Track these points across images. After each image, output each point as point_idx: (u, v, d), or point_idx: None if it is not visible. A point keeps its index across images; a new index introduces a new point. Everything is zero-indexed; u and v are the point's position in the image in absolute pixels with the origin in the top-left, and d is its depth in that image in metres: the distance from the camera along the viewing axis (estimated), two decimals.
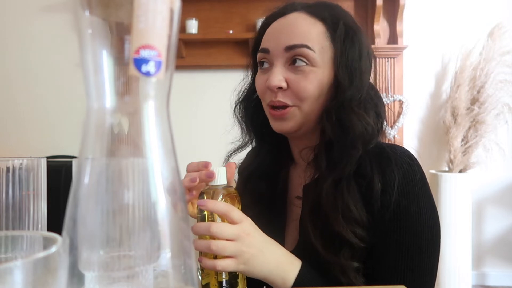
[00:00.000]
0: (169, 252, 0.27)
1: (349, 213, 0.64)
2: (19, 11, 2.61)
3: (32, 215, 0.50)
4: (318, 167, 0.70)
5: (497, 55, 2.38)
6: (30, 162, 0.50)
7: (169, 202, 0.27)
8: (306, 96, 0.68)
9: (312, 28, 0.68)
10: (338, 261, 0.63)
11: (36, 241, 0.28)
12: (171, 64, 0.26)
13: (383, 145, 0.71)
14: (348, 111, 0.67)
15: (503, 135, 2.48)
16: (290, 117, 0.69)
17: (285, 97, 0.68)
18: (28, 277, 0.22)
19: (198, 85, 2.56)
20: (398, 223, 0.64)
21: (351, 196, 0.65)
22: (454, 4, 2.57)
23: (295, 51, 0.67)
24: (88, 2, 0.25)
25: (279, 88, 0.68)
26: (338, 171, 0.66)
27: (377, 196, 0.64)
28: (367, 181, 0.66)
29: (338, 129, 0.67)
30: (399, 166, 0.66)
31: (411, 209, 0.64)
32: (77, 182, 0.26)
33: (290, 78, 0.68)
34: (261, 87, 0.72)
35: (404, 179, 0.65)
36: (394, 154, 0.68)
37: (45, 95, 2.61)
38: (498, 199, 2.59)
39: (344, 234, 0.63)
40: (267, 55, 0.71)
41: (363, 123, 0.67)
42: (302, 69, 0.68)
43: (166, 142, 0.27)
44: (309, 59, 0.67)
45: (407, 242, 0.64)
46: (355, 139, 0.66)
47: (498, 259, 2.60)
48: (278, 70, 0.68)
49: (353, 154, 0.66)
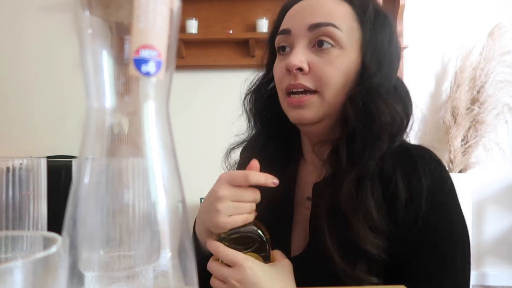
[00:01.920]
0: (169, 252, 0.27)
1: (370, 219, 0.57)
2: (19, 11, 2.61)
3: (32, 215, 0.50)
4: (336, 162, 0.62)
5: (497, 55, 2.38)
6: (30, 162, 0.50)
7: (169, 202, 0.27)
8: (330, 83, 0.61)
9: (338, 7, 0.62)
10: (354, 274, 0.56)
11: (36, 241, 0.28)
12: (171, 64, 0.26)
13: (408, 146, 0.64)
14: (375, 97, 0.60)
15: (503, 135, 2.48)
16: (310, 105, 0.62)
17: (306, 81, 0.61)
18: (28, 277, 0.22)
19: (198, 85, 2.56)
20: (427, 238, 0.57)
21: (374, 199, 0.58)
22: (454, 4, 2.57)
23: (320, 30, 0.60)
24: (88, 2, 0.25)
25: (299, 70, 0.61)
26: (361, 167, 0.59)
27: (402, 205, 0.58)
28: (391, 186, 0.59)
29: (362, 116, 0.60)
30: (426, 172, 0.59)
31: (441, 223, 0.58)
32: (77, 182, 0.26)
33: (313, 61, 0.61)
34: (279, 73, 0.65)
35: (433, 188, 0.58)
36: (422, 158, 0.61)
37: (45, 95, 2.61)
38: (498, 199, 2.59)
39: (361, 243, 0.56)
40: (288, 37, 0.64)
41: (391, 111, 0.60)
42: (328, 51, 0.61)
43: (166, 142, 0.27)
44: (335, 39, 0.61)
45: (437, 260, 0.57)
46: (381, 129, 0.59)
47: (498, 259, 2.60)
48: (300, 50, 0.61)
49: (378, 146, 0.59)
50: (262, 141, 0.75)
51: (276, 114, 0.71)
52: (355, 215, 0.57)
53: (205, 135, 2.44)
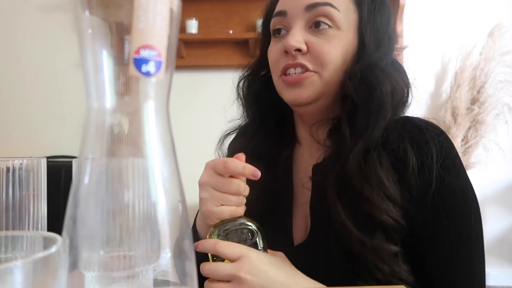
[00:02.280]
0: (169, 252, 0.27)
1: (383, 188, 0.56)
2: (19, 11, 2.61)
3: (32, 215, 0.50)
4: (339, 139, 0.61)
5: (497, 55, 2.38)
6: (30, 162, 0.50)
7: (169, 202, 0.27)
8: (329, 62, 0.60)
9: None
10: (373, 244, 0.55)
11: (36, 241, 0.28)
12: (171, 64, 0.26)
13: (411, 117, 0.64)
14: (374, 69, 0.60)
15: (503, 135, 2.48)
16: (307, 83, 0.61)
17: (305, 60, 0.61)
18: (28, 277, 0.22)
19: (198, 85, 2.56)
20: (444, 202, 0.57)
21: (383, 168, 0.57)
22: (454, 4, 2.57)
23: (318, 10, 0.60)
24: (88, 2, 0.25)
25: (298, 51, 0.60)
26: (366, 138, 0.58)
27: (415, 171, 0.57)
28: (399, 154, 0.58)
29: (363, 88, 0.59)
30: (434, 137, 0.59)
31: (456, 185, 0.58)
32: (77, 182, 0.26)
33: (311, 41, 0.61)
34: (275, 55, 0.64)
35: (442, 151, 0.58)
36: (426, 124, 0.61)
37: (45, 95, 2.61)
38: (498, 199, 2.59)
39: (377, 212, 0.55)
40: (284, 19, 0.63)
41: (391, 81, 0.60)
42: (325, 32, 0.61)
43: (166, 142, 0.27)
44: (333, 19, 0.60)
45: (456, 224, 0.56)
46: (383, 98, 0.59)
47: (498, 259, 2.60)
48: (298, 31, 0.61)
49: (381, 115, 0.58)
50: (254, 128, 0.73)
51: (269, 100, 0.70)
52: (367, 186, 0.56)
53: (205, 135, 2.44)
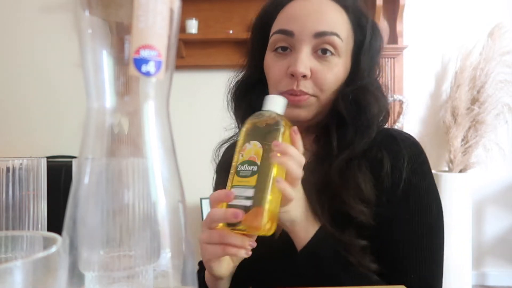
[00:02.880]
0: (169, 252, 0.27)
1: (359, 191, 0.63)
2: (19, 11, 2.61)
3: (32, 215, 0.50)
4: (325, 146, 0.68)
5: (497, 55, 2.38)
6: (30, 162, 0.50)
7: (169, 202, 0.27)
8: (328, 87, 0.66)
9: (339, 17, 0.67)
10: (342, 238, 0.62)
11: (36, 241, 0.28)
12: (171, 64, 0.26)
13: (388, 129, 0.72)
14: (365, 92, 0.67)
15: (503, 135, 2.48)
16: (306, 105, 0.66)
17: (306, 87, 0.65)
18: (28, 277, 0.22)
19: (198, 85, 2.56)
20: (408, 199, 0.65)
21: (361, 174, 0.64)
22: (454, 4, 2.57)
23: (325, 39, 0.64)
24: (88, 2, 0.25)
25: (303, 77, 0.65)
26: (351, 151, 0.65)
27: (388, 173, 0.65)
28: (376, 160, 0.66)
29: (354, 108, 0.66)
30: (406, 145, 0.67)
31: (420, 185, 0.66)
32: (77, 182, 0.26)
33: (315, 68, 0.65)
34: (279, 73, 0.67)
35: (412, 157, 0.67)
36: (400, 134, 0.70)
37: (45, 95, 2.61)
38: (498, 199, 2.59)
39: (352, 212, 0.62)
40: (290, 39, 0.66)
41: (379, 105, 0.67)
42: (329, 59, 0.65)
43: (166, 142, 0.27)
44: (336, 48, 0.65)
45: (417, 218, 0.65)
46: (371, 120, 0.66)
47: (498, 259, 2.60)
48: (305, 56, 0.64)
49: (368, 134, 0.66)
50: None
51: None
52: (345, 190, 0.63)
53: (205, 135, 2.44)
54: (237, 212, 0.50)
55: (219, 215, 0.52)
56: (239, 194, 0.52)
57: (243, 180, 0.52)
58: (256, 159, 0.53)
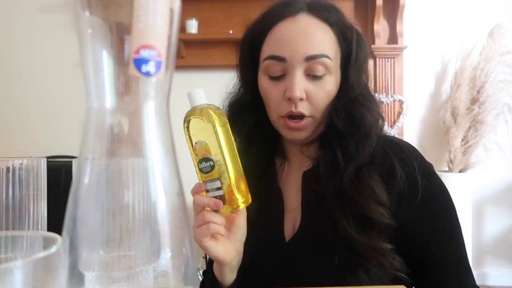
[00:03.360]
0: (169, 252, 0.27)
1: (376, 196, 0.66)
2: (19, 11, 2.61)
3: (32, 215, 0.50)
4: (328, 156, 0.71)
5: (497, 55, 2.38)
6: (30, 162, 0.50)
7: (169, 202, 0.27)
8: (322, 106, 0.70)
9: (326, 35, 0.70)
10: (371, 244, 0.65)
11: (36, 241, 0.28)
12: (171, 64, 0.26)
13: (388, 135, 0.76)
14: (356, 105, 0.70)
15: (503, 135, 2.48)
16: (305, 127, 0.71)
17: (304, 107, 0.69)
18: (28, 277, 0.22)
19: (198, 85, 2.54)
20: (432, 202, 0.69)
21: (374, 181, 0.67)
22: (454, 4, 2.57)
23: (316, 61, 0.68)
24: (88, 2, 0.25)
25: (300, 100, 0.69)
26: (356, 161, 0.68)
27: (403, 181, 0.68)
28: (386, 167, 0.69)
29: (349, 123, 0.69)
30: (411, 152, 0.71)
31: (435, 188, 0.70)
32: (77, 182, 0.26)
33: (309, 89, 0.69)
34: (276, 98, 0.70)
35: (421, 163, 0.71)
36: (402, 142, 0.74)
37: (45, 95, 2.61)
38: (498, 199, 2.59)
39: (375, 216, 0.65)
40: (283, 64, 0.69)
41: (372, 114, 0.71)
42: (321, 79, 0.69)
43: (166, 142, 0.27)
44: (327, 68, 0.68)
45: (445, 218, 0.70)
46: (369, 130, 0.69)
47: (498, 259, 2.60)
48: (299, 80, 0.68)
49: (368, 143, 0.69)
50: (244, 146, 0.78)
51: (256, 124, 0.76)
52: (362, 200, 0.66)
53: None
54: (218, 202, 0.62)
55: (202, 201, 0.63)
56: (210, 188, 0.63)
57: (208, 175, 0.63)
58: (208, 155, 0.62)
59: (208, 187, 0.63)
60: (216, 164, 0.62)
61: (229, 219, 0.68)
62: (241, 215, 0.68)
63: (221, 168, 0.62)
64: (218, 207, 0.62)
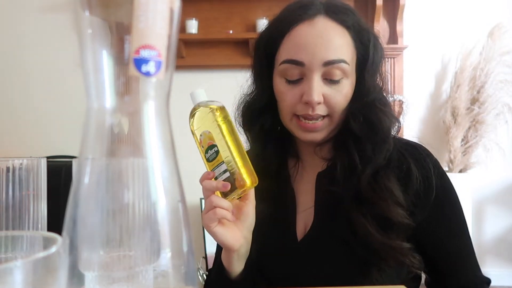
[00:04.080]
0: (169, 252, 0.27)
1: (395, 197, 0.68)
2: (19, 11, 2.61)
3: (32, 215, 0.50)
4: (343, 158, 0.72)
5: (497, 55, 2.38)
6: (30, 162, 0.50)
7: (169, 202, 0.27)
8: (339, 109, 0.71)
9: (344, 39, 0.69)
10: (391, 244, 0.66)
11: (36, 241, 0.28)
12: (171, 64, 0.26)
13: (402, 138, 0.78)
14: (374, 110, 0.71)
15: (503, 135, 2.48)
16: (322, 128, 0.71)
17: (321, 110, 0.70)
18: (28, 277, 0.22)
19: (198, 85, 2.54)
20: (446, 200, 0.72)
21: (391, 182, 0.69)
22: (454, 4, 2.57)
23: (334, 66, 0.68)
24: (88, 2, 0.25)
25: (318, 104, 0.69)
26: (373, 164, 0.69)
27: (419, 182, 0.70)
28: (403, 169, 0.71)
29: (366, 127, 0.70)
30: (426, 153, 0.74)
31: (449, 187, 0.74)
32: (77, 182, 0.26)
33: (327, 94, 0.69)
34: (292, 101, 0.71)
35: (436, 163, 0.73)
36: (417, 144, 0.76)
37: (45, 95, 2.60)
38: (498, 199, 2.59)
39: (395, 217, 0.67)
40: (301, 68, 0.69)
41: (390, 118, 0.72)
42: (338, 83, 0.70)
43: (166, 142, 0.27)
44: (345, 72, 0.69)
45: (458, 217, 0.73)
46: (386, 134, 0.71)
47: (498, 259, 2.60)
48: (317, 84, 0.68)
49: (385, 147, 0.70)
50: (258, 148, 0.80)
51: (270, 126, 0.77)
52: (381, 202, 0.68)
53: None
54: (226, 184, 0.63)
55: (211, 185, 0.64)
56: (218, 173, 0.65)
57: (214, 162, 0.65)
58: (212, 142, 0.65)
59: (216, 173, 0.65)
60: (220, 149, 0.64)
61: (238, 206, 0.69)
62: (249, 203, 0.68)
63: (225, 151, 0.64)
64: (226, 189, 0.63)
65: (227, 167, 0.64)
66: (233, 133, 0.65)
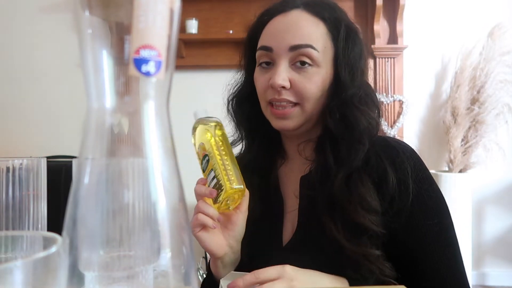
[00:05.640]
0: (169, 252, 0.27)
1: (366, 204, 0.66)
2: (19, 12, 2.61)
3: (32, 215, 0.50)
4: (323, 160, 0.71)
5: (497, 55, 2.38)
6: (30, 162, 0.50)
7: (169, 202, 0.27)
8: (309, 96, 0.70)
9: (315, 28, 0.70)
10: (361, 250, 0.65)
11: (36, 241, 0.28)
12: (171, 64, 0.26)
13: (384, 138, 0.75)
14: (351, 107, 0.70)
15: (503, 135, 2.48)
16: (292, 116, 0.71)
17: (288, 95, 0.70)
18: (28, 277, 0.22)
19: (198, 85, 2.55)
20: (422, 207, 0.68)
21: (365, 188, 0.67)
22: (454, 4, 2.57)
23: (300, 51, 0.68)
24: (88, 2, 0.25)
25: (282, 87, 0.69)
26: (347, 166, 0.68)
27: (394, 185, 0.67)
28: (379, 172, 0.69)
29: (342, 126, 0.69)
30: (407, 155, 0.70)
31: (429, 192, 0.69)
32: (77, 182, 0.26)
33: (294, 78, 0.69)
34: (263, 85, 0.72)
35: (415, 166, 0.70)
36: (399, 145, 0.73)
37: (45, 95, 2.61)
38: (498, 199, 2.59)
39: (364, 223, 0.65)
40: (270, 54, 0.71)
41: (367, 118, 0.70)
42: (306, 70, 0.69)
43: (166, 142, 0.27)
44: (313, 59, 0.69)
45: (436, 221, 0.68)
46: (361, 135, 0.69)
47: (498, 259, 2.60)
48: (283, 69, 0.69)
49: (360, 148, 0.68)
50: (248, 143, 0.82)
51: (258, 118, 0.77)
52: (351, 205, 0.66)
53: None
54: (213, 190, 0.65)
55: (200, 190, 0.67)
56: (209, 180, 0.68)
57: (207, 171, 0.69)
58: (205, 152, 0.69)
59: (208, 180, 0.68)
60: (210, 158, 0.67)
61: (227, 215, 0.69)
62: (240, 213, 0.69)
63: (213, 158, 0.67)
64: (212, 195, 0.65)
65: (215, 174, 0.67)
66: (224, 143, 0.69)
